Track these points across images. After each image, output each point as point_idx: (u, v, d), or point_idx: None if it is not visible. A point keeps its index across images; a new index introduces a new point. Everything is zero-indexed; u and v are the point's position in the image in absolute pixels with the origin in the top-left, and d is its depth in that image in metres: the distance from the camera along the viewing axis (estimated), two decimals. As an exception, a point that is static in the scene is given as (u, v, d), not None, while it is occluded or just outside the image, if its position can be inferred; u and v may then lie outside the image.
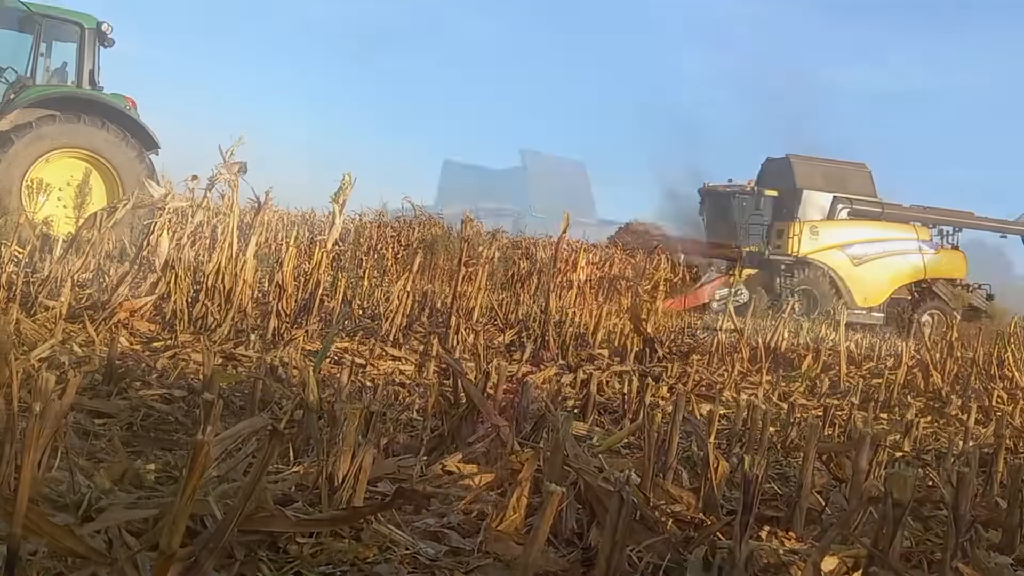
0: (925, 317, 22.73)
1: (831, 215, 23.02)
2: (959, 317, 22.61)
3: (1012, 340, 8.93)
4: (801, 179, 22.99)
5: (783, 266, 22.44)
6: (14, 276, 6.22)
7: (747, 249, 22.80)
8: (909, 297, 23.16)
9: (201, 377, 3.92)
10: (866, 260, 22.65)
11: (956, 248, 24.19)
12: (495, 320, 9.27)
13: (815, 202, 22.95)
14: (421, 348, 6.35)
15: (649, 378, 5.22)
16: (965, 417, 4.90)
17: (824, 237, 22.64)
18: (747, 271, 22.77)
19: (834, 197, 22.98)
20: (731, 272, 22.22)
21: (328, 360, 5.27)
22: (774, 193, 23.09)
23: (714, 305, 20.91)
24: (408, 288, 7.32)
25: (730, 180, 23.68)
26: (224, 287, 6.40)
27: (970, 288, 24.07)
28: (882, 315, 22.24)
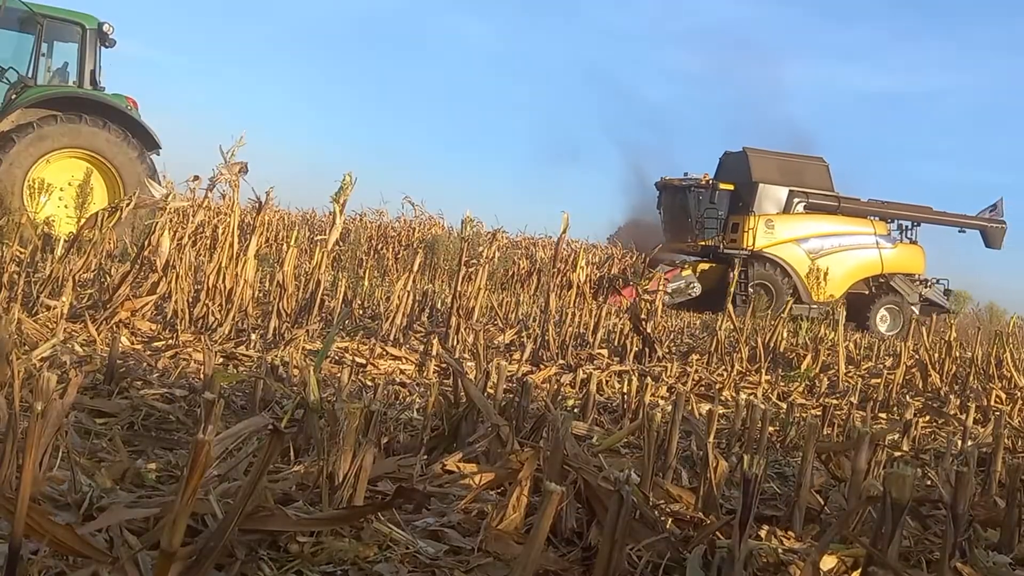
0: (882, 312, 22.57)
1: (787, 209, 22.83)
2: (917, 312, 22.53)
3: (1010, 340, 8.93)
4: (757, 173, 22.76)
5: (738, 261, 22.23)
6: (16, 276, 6.24)
7: (703, 243, 22.58)
8: (867, 292, 22.93)
9: (202, 376, 3.93)
10: (822, 254, 22.43)
11: (914, 243, 23.97)
12: (495, 320, 9.28)
13: (771, 196, 22.74)
14: (421, 348, 6.36)
15: (649, 378, 5.22)
16: (964, 417, 4.90)
17: (780, 231, 22.48)
18: (702, 265, 22.57)
19: (790, 191, 22.78)
20: (682, 265, 22.16)
21: (329, 360, 5.28)
22: (730, 187, 22.88)
23: (665, 299, 20.69)
24: (408, 288, 7.33)
25: (686, 174, 23.45)
26: (225, 287, 6.41)
27: (928, 283, 23.86)
28: (839, 310, 22.03)
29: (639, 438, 3.42)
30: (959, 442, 4.51)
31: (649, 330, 7.59)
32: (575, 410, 4.45)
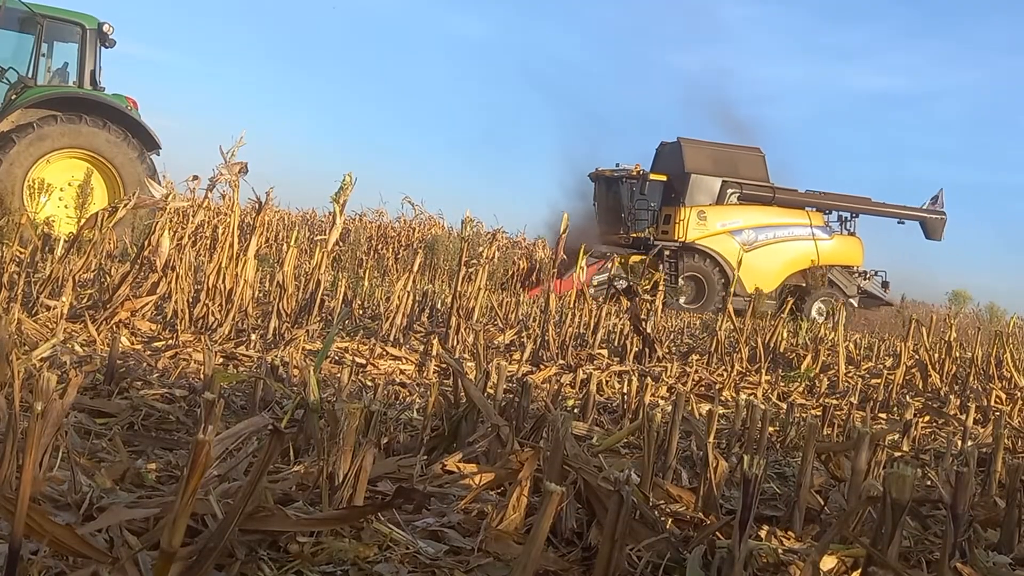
0: (818, 304, 22.19)
1: (720, 200, 22.36)
2: (856, 305, 22.24)
3: (1010, 340, 8.93)
4: (690, 163, 22.31)
5: (667, 252, 21.76)
6: (16, 276, 6.24)
7: (634, 235, 22.17)
8: (803, 284, 22.56)
9: (202, 377, 3.93)
10: (757, 246, 21.95)
11: (852, 234, 23.59)
12: (495, 320, 9.28)
13: (704, 186, 22.31)
14: (421, 348, 6.36)
15: (649, 378, 5.22)
16: (964, 417, 4.90)
17: (712, 222, 22.00)
18: (635, 257, 22.03)
19: (723, 181, 22.31)
20: (609, 258, 21.61)
21: (329, 360, 5.28)
22: (662, 178, 22.51)
23: (590, 291, 20.45)
24: (408, 288, 7.33)
25: (617, 164, 22.87)
26: (225, 287, 6.41)
27: (866, 275, 23.53)
28: (774, 302, 21.43)
29: (639, 438, 3.42)
30: (959, 442, 4.50)
31: (649, 330, 7.59)
32: (575, 410, 4.45)
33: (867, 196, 23.98)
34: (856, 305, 22.34)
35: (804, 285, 22.55)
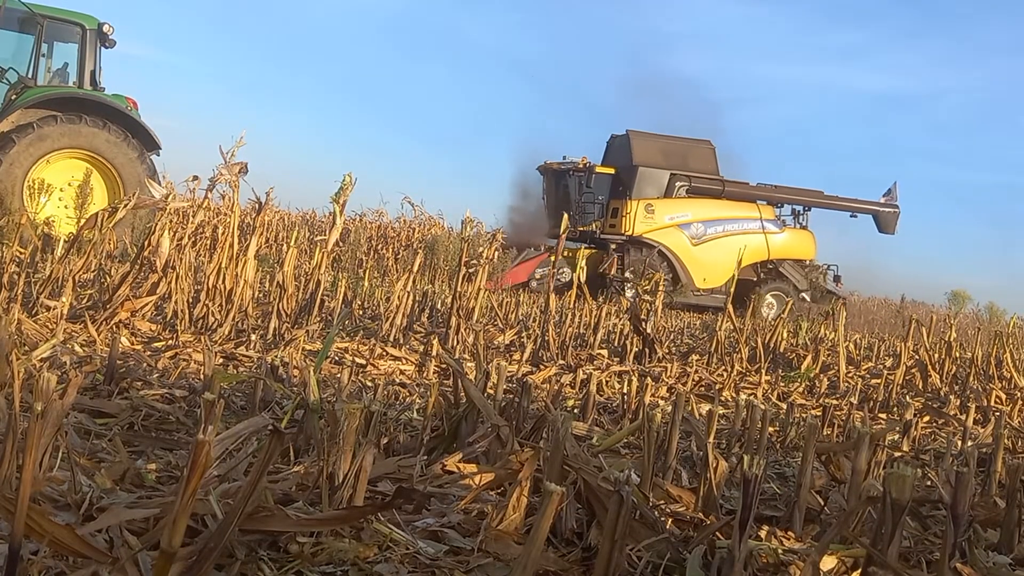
0: (768, 298, 21.92)
1: (668, 193, 22.02)
2: (809, 299, 21.94)
3: (1010, 340, 8.94)
4: (639, 155, 21.93)
5: (614, 246, 21.38)
6: (16, 276, 6.24)
7: (582, 228, 21.77)
8: (755, 278, 22.14)
9: (202, 377, 3.93)
10: (706, 240, 21.71)
11: (804, 228, 23.32)
12: (495, 320, 9.28)
13: (652, 179, 21.90)
14: (421, 348, 6.36)
15: (649, 378, 5.22)
16: (964, 417, 4.90)
17: (660, 216, 21.67)
18: (584, 251, 22.10)
19: (671, 174, 21.95)
20: (552, 251, 21.67)
21: (329, 360, 5.28)
22: (610, 170, 22.18)
23: (533, 284, 20.11)
24: (408, 288, 7.33)
25: (564, 157, 22.52)
26: (225, 287, 6.41)
27: (819, 269, 23.25)
28: (724, 296, 21.21)
29: (639, 438, 3.42)
30: (959, 442, 4.51)
31: (649, 330, 7.59)
32: (575, 410, 4.45)
33: (819, 189, 23.68)
34: (808, 299, 22.11)
35: (755, 279, 22.17)
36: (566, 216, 8.63)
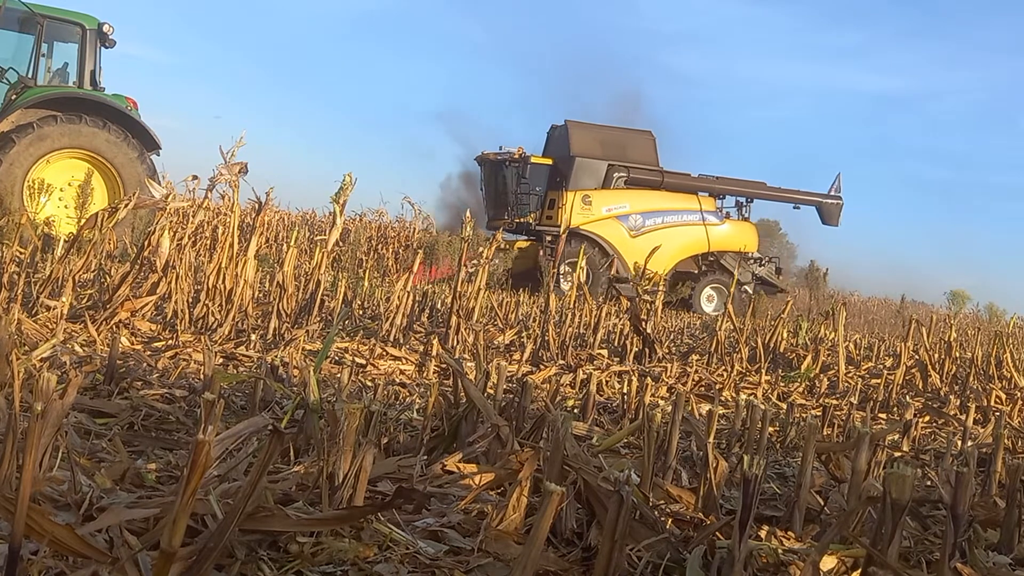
0: (708, 291, 21.69)
1: (606, 184, 21.57)
2: (751, 292, 21.60)
3: (1010, 340, 8.94)
4: (576, 146, 21.50)
5: (549, 238, 20.85)
6: (16, 276, 6.24)
7: (519, 220, 21.42)
8: (695, 271, 21.91)
9: (202, 377, 3.93)
10: (644, 231, 21.25)
11: (746, 220, 23.00)
12: (495, 320, 9.28)
13: (590, 170, 21.44)
14: (421, 348, 6.36)
15: (649, 378, 5.22)
16: (964, 417, 4.90)
17: (598, 207, 21.24)
18: (520, 243, 21.45)
19: (609, 165, 21.53)
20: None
21: (329, 360, 5.28)
22: (547, 161, 21.81)
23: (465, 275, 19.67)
24: (408, 288, 7.33)
25: (501, 147, 22.05)
26: (225, 287, 6.41)
27: (761, 262, 22.89)
28: (664, 289, 20.73)
29: (639, 438, 3.42)
30: (959, 442, 4.51)
31: (649, 330, 7.59)
32: (575, 410, 4.45)
33: (762, 180, 23.37)
34: (751, 292, 21.86)
35: (696, 272, 21.94)
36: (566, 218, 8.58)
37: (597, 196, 21.37)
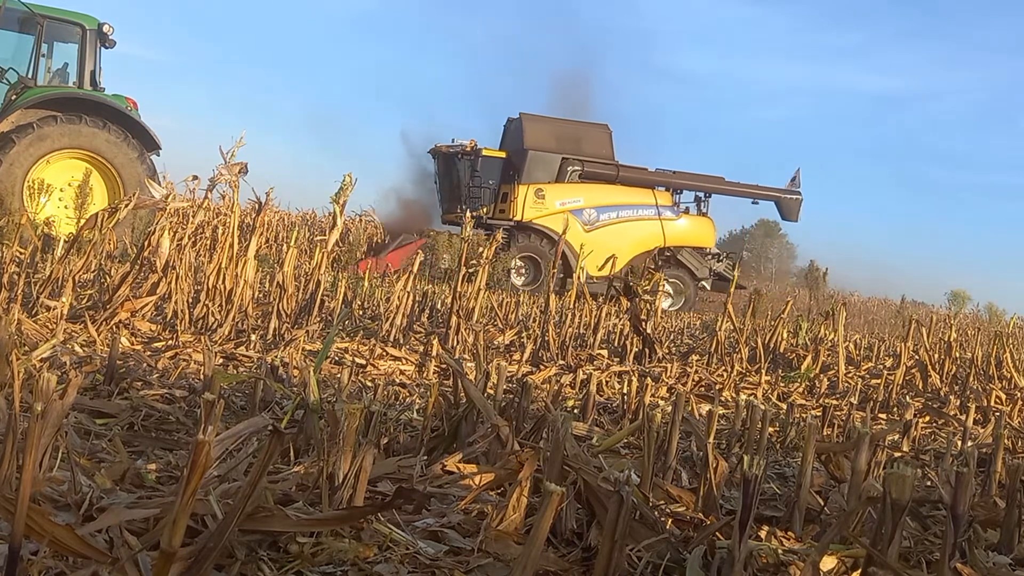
0: (665, 286, 20.39)
1: (560, 177, 21.16)
2: (708, 287, 21.46)
3: (1010, 340, 8.94)
4: (530, 139, 21.06)
5: (502, 232, 21.02)
6: (16, 276, 6.24)
7: (473, 213, 21.30)
8: (652, 266, 21.11)
9: (202, 377, 3.93)
10: (599, 226, 20.87)
11: (704, 215, 22.47)
12: (495, 321, 9.28)
13: (543, 163, 21.02)
14: (421, 348, 6.36)
15: (649, 378, 5.22)
16: (963, 417, 4.90)
17: (551, 201, 20.81)
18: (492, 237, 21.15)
19: (563, 158, 21.10)
20: (427, 237, 20.53)
21: (329, 360, 5.28)
22: (500, 154, 21.38)
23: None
24: (408, 288, 7.33)
25: (453, 140, 21.49)
26: (225, 287, 6.41)
27: (719, 257, 22.59)
28: (620, 284, 19.51)
29: (639, 439, 3.42)
30: (959, 442, 4.50)
31: (649, 331, 7.59)
32: (575, 411, 4.45)
33: (720, 175, 22.99)
34: (708, 288, 21.59)
35: (653, 267, 21.10)
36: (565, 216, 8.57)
37: (550, 190, 21.00)
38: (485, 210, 21.05)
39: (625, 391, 4.78)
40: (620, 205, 21.42)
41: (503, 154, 21.59)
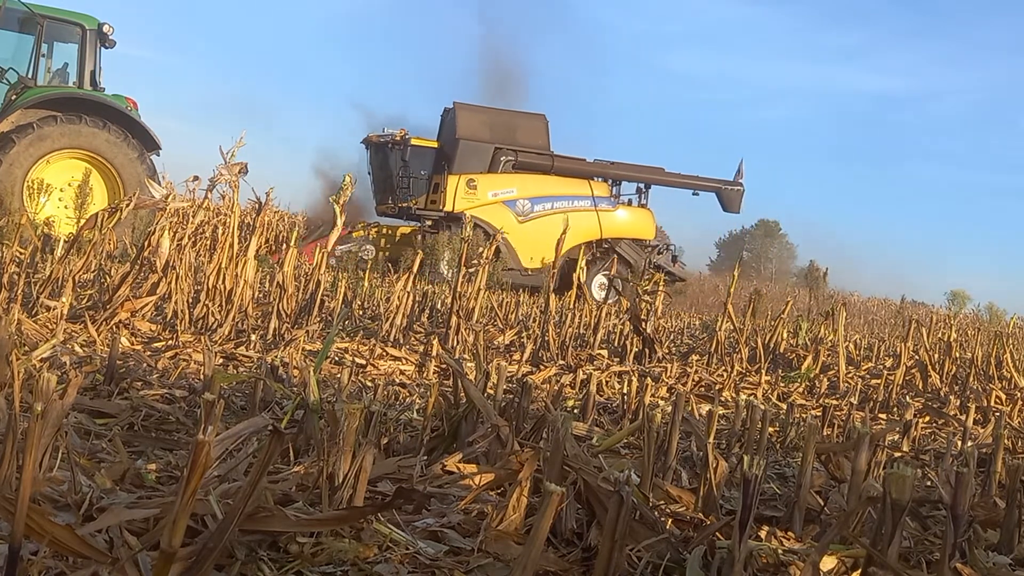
0: (599, 279, 20.49)
1: (493, 168, 20.75)
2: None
3: (1010, 341, 8.94)
4: (463, 129, 20.70)
5: (429, 223, 20.29)
6: (16, 276, 6.24)
7: (402, 204, 20.77)
8: (590, 258, 20.70)
9: (202, 377, 3.93)
10: (532, 217, 20.57)
11: (643, 207, 22.20)
12: (495, 321, 9.28)
13: (476, 153, 20.63)
14: (421, 348, 6.36)
15: (649, 378, 5.22)
16: (963, 417, 4.90)
17: (483, 191, 20.47)
18: (403, 229, 20.87)
19: (496, 148, 20.73)
20: (354, 228, 20.32)
21: (329, 360, 5.28)
22: (431, 144, 20.93)
23: (332, 261, 18.86)
24: (408, 288, 7.33)
25: (384, 129, 21.21)
26: (225, 287, 6.41)
27: (658, 249, 22.31)
28: (554, 277, 19.62)
29: (639, 439, 3.42)
30: (959, 442, 4.50)
31: (649, 331, 7.59)
32: (575, 411, 4.45)
33: (660, 166, 22.77)
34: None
35: (590, 259, 20.82)
36: (566, 216, 8.58)
37: (483, 180, 20.63)
38: (415, 201, 20.75)
39: (625, 391, 4.78)
40: (555, 196, 21.08)
41: (435, 144, 21.22)
